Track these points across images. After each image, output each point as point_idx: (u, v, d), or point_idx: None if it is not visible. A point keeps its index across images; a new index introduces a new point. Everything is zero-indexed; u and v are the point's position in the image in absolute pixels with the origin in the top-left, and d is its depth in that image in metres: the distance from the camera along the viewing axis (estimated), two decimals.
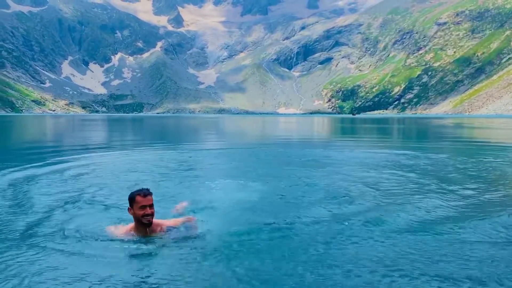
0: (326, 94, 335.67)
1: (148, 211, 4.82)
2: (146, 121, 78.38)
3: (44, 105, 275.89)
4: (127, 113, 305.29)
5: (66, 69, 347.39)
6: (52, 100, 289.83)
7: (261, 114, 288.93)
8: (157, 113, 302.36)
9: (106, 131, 40.66)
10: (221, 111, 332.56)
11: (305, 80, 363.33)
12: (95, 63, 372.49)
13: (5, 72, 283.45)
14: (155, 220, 5.01)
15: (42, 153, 16.16)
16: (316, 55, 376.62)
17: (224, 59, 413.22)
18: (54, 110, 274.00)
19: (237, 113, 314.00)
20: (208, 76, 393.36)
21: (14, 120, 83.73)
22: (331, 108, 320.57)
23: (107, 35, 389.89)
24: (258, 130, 43.27)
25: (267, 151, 17.87)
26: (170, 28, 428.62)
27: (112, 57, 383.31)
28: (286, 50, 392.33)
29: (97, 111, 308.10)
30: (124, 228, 5.10)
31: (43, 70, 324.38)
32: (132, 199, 4.90)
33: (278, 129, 45.80)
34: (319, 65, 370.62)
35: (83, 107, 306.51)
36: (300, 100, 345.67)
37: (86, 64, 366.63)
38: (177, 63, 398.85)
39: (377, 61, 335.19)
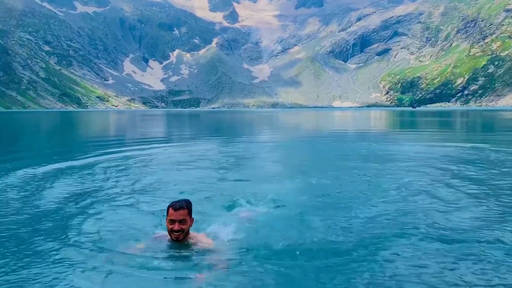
0: (384, 87, 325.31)
1: (176, 227, 4.28)
2: (203, 116, 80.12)
3: (108, 101, 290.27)
4: (184, 108, 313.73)
5: (128, 66, 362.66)
6: (115, 96, 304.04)
7: (315, 108, 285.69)
8: (212, 108, 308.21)
9: (165, 125, 42.06)
10: (275, 105, 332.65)
11: (362, 72, 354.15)
12: (154, 60, 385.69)
13: (72, 70, 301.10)
14: (196, 235, 4.55)
15: (107, 144, 17.05)
16: (374, 46, 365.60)
17: (278, 53, 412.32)
18: (116, 106, 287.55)
19: (291, 107, 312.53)
20: (262, 70, 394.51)
21: (82, 115, 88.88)
22: (389, 101, 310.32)
23: (165, 33, 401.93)
24: (314, 124, 42.84)
25: (323, 145, 17.67)
26: (225, 24, 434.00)
27: (170, 54, 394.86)
28: (342, 42, 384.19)
29: (156, 107, 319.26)
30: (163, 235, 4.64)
31: (106, 67, 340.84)
32: (167, 209, 4.43)
33: (334, 123, 45.07)
34: (377, 57, 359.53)
35: (144, 103, 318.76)
36: (356, 93, 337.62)
37: (146, 61, 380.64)
38: (232, 59, 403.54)
39: (438, 51, 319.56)
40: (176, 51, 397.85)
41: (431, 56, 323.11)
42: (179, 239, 4.34)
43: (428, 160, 11.44)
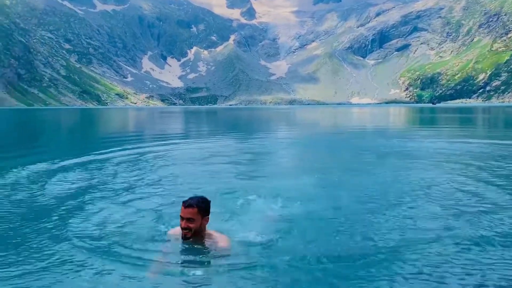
0: (403, 83, 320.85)
1: (183, 224, 4.23)
2: (220, 113, 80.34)
3: (127, 98, 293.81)
4: (202, 105, 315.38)
5: (146, 63, 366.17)
6: (134, 93, 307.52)
7: (333, 104, 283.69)
8: (229, 105, 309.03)
9: (183, 122, 42.29)
10: (292, 102, 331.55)
11: (381, 68, 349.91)
12: (172, 58, 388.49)
13: (92, 68, 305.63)
14: (212, 234, 4.42)
15: (126, 141, 17.21)
16: (393, 41, 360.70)
17: (295, 50, 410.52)
18: (135, 103, 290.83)
19: (308, 104, 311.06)
20: (279, 67, 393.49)
21: (101, 112, 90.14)
22: (408, 97, 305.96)
23: (183, 30, 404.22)
24: (332, 121, 42.50)
25: (342, 141, 17.47)
26: (242, 20, 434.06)
27: (188, 51, 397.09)
28: (361, 38, 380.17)
29: (174, 104, 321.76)
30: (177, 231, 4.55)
31: (125, 65, 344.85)
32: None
33: (353, 119, 44.62)
34: (396, 52, 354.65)
35: (162, 100, 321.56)
36: (375, 89, 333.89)
37: (164, 58, 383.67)
38: (249, 55, 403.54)
39: (459, 47, 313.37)
40: (194, 48, 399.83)
41: (451, 51, 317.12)
42: (187, 237, 4.27)
43: (451, 156, 11.17)
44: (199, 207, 4.23)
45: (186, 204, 4.22)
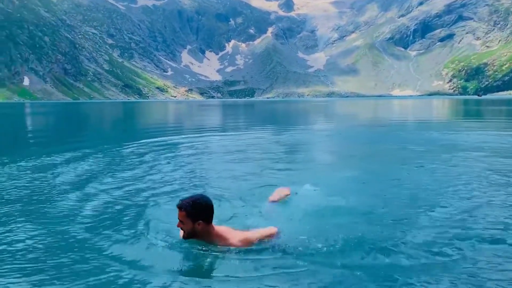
0: (447, 74, 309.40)
1: (177, 224, 4.01)
2: (258, 106, 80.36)
3: (167, 91, 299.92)
4: (239, 98, 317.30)
5: (185, 57, 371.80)
6: (173, 87, 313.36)
7: (373, 97, 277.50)
8: (267, 98, 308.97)
9: (221, 115, 42.58)
10: (330, 94, 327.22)
11: (423, 59, 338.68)
12: (210, 51, 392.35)
13: (133, 62, 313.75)
14: (225, 229, 4.16)
15: (163, 132, 17.51)
16: (436, 31, 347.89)
17: (334, 41, 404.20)
18: (175, 96, 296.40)
19: (347, 97, 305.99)
20: (317, 59, 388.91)
21: (143, 105, 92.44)
22: (452, 89, 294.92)
23: (222, 24, 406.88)
24: (373, 113, 41.52)
25: (382, 134, 16.97)
26: (280, 13, 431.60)
27: (226, 44, 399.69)
28: (402, 28, 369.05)
29: (212, 97, 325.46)
30: None
31: (165, 59, 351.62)
32: None
33: (394, 112, 43.44)
34: (439, 43, 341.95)
35: (201, 93, 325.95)
36: (417, 81, 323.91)
37: (203, 52, 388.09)
38: (287, 48, 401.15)
39: (508, 36, 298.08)
40: (232, 42, 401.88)
41: (499, 41, 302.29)
42: (183, 236, 4.05)
43: (500, 150, 10.56)
44: (187, 211, 3.93)
45: (177, 205, 3.99)
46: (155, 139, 14.34)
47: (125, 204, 5.87)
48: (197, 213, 3.93)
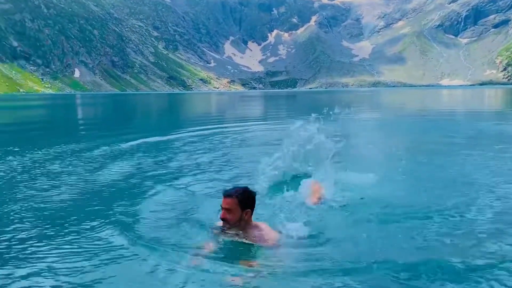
0: (500, 62, 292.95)
1: (222, 214, 3.99)
2: (300, 96, 79.71)
3: (210, 83, 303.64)
4: (281, 89, 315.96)
5: (228, 49, 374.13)
6: (216, 78, 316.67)
7: (421, 86, 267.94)
8: (309, 88, 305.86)
9: (261, 105, 42.59)
10: (376, 84, 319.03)
11: (475, 47, 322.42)
12: (253, 42, 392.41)
13: (178, 54, 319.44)
14: (259, 227, 4.05)
15: (205, 122, 17.76)
16: (490, 17, 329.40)
17: (380, 29, 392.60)
18: (217, 88, 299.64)
19: (394, 86, 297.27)
20: (362, 48, 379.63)
21: (187, 97, 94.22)
22: (506, 78, 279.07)
23: (264, 14, 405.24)
24: (423, 103, 40.12)
25: (429, 124, 16.35)
26: (324, 1, 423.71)
27: (269, 34, 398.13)
28: (452, 15, 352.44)
29: (254, 88, 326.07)
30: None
31: (208, 50, 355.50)
32: None
33: (447, 102, 41.77)
34: (493, 29, 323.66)
35: (243, 85, 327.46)
36: (468, 70, 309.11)
37: (245, 43, 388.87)
38: (330, 37, 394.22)
39: None
40: (275, 32, 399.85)
41: None
42: (225, 228, 4.01)
43: None
44: (238, 198, 3.95)
45: (226, 194, 3.98)
46: (195, 128, 14.56)
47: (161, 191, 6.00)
48: (247, 201, 3.98)
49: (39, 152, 9.63)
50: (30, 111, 38.52)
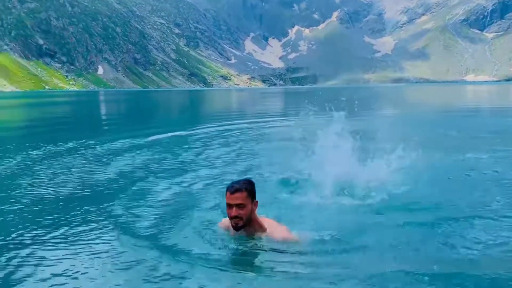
0: None
1: (233, 212, 3.68)
2: (321, 92, 79.22)
3: (230, 80, 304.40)
4: (302, 85, 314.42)
5: (249, 45, 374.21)
6: (237, 75, 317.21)
7: (444, 82, 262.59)
8: (330, 85, 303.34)
9: (281, 102, 42.55)
10: (398, 80, 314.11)
11: (502, 41, 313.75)
12: (273, 38, 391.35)
13: (198, 51, 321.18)
14: (267, 222, 3.89)
15: (224, 118, 17.90)
16: None
17: (403, 24, 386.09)
18: (238, 84, 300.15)
19: (417, 82, 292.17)
20: (385, 44, 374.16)
21: (207, 93, 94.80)
22: None
23: (285, 10, 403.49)
24: (447, 100, 39.39)
25: (455, 120, 16.07)
26: None
27: (289, 30, 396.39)
28: (478, 9, 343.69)
29: (274, 84, 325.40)
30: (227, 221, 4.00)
31: (229, 47, 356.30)
32: (225, 192, 3.82)
33: (473, 99, 40.90)
34: None
35: (263, 81, 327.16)
36: (494, 66, 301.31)
37: (266, 39, 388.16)
38: (352, 32, 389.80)
39: None
40: (295, 28, 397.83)
41: None
42: (239, 227, 3.74)
43: None
44: (248, 190, 3.72)
45: (233, 189, 3.69)
46: (214, 124, 14.69)
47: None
48: (254, 191, 3.82)
49: (63, 147, 9.98)
50: (57, 107, 39.58)
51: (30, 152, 9.21)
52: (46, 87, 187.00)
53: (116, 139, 11.12)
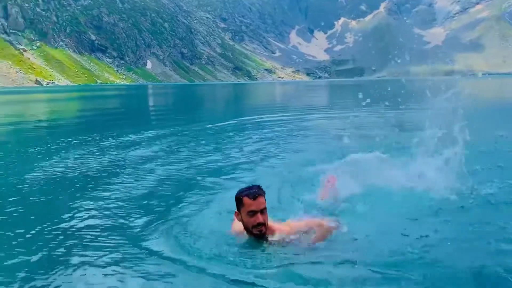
0: None
1: (260, 218, 3.45)
2: (368, 85, 77.76)
3: (274, 73, 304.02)
4: (347, 78, 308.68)
5: (294, 38, 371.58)
6: (281, 68, 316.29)
7: (500, 74, 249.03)
8: (377, 77, 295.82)
9: (326, 95, 42.29)
10: (449, 73, 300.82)
11: None
12: (319, 31, 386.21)
13: (243, 45, 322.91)
14: (270, 225, 3.65)
15: (271, 110, 18.22)
16: None
17: (455, 14, 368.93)
18: (282, 78, 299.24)
19: (472, 75, 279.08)
20: (435, 34, 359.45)
21: (252, 87, 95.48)
22: None
23: (331, 2, 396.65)
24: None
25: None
26: None
27: (335, 23, 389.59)
28: None
29: (319, 77, 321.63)
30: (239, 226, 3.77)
31: (273, 40, 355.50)
32: (239, 200, 3.57)
33: None
34: None
35: (307, 74, 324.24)
36: None
37: (311, 32, 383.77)
38: (401, 23, 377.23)
39: None
40: (341, 20, 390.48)
41: None
42: (263, 233, 3.54)
43: None
44: (264, 194, 3.58)
45: (255, 194, 3.48)
46: (255, 116, 15.04)
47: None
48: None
49: (113, 139, 10.79)
50: (114, 100, 41.76)
51: (91, 139, 10.03)
52: (98, 81, 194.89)
53: (168, 129, 11.79)
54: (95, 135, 11.13)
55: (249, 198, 3.47)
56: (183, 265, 3.41)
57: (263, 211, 3.49)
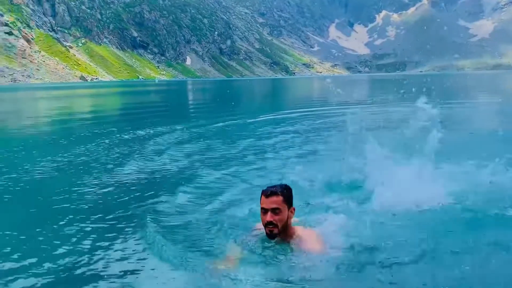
0: None
1: (268, 217, 3.40)
2: (411, 79, 75.84)
3: (313, 67, 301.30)
4: (389, 72, 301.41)
5: (333, 32, 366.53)
6: (320, 62, 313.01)
7: None
8: (420, 72, 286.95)
9: (366, 89, 41.67)
10: (497, 67, 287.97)
11: None
12: (359, 24, 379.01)
13: (281, 39, 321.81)
14: (302, 233, 3.59)
15: (302, 105, 18.29)
16: None
17: (504, 5, 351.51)
18: (320, 72, 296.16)
19: None
20: (482, 27, 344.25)
21: (290, 82, 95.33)
22: None
23: None
24: None
25: None
26: None
27: (376, 16, 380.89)
28: None
29: (359, 72, 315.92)
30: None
31: (312, 34, 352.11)
32: (260, 196, 3.55)
33: None
34: None
35: (347, 68, 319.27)
36: None
37: (351, 25, 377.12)
38: (445, 16, 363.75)
39: None
40: (383, 13, 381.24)
41: None
42: (274, 234, 3.45)
43: None
44: (284, 195, 3.44)
45: (269, 192, 3.43)
46: (291, 110, 15.12)
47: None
48: (291, 197, 3.56)
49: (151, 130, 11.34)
50: (162, 94, 43.01)
51: (133, 131, 10.54)
52: (140, 76, 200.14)
53: (207, 122, 12.12)
54: (146, 129, 11.65)
55: (263, 195, 3.47)
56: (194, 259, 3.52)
57: (275, 210, 3.39)
